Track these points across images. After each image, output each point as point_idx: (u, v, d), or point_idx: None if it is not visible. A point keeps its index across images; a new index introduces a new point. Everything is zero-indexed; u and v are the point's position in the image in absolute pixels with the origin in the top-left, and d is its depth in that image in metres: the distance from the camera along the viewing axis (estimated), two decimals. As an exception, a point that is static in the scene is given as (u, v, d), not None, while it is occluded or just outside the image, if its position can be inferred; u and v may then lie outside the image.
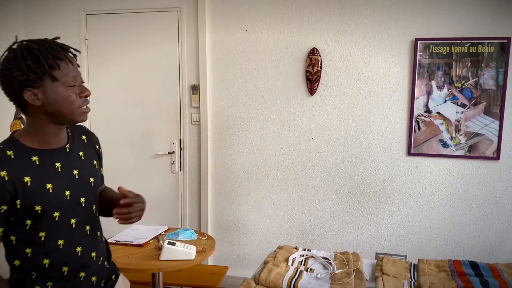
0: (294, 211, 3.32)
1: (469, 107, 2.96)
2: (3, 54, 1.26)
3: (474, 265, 2.08)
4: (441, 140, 3.02)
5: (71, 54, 1.31)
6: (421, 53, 2.98)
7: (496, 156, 2.94)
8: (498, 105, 2.91)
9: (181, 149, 3.49)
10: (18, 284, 1.32)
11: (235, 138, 3.37)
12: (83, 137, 1.48)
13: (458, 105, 2.97)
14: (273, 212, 3.35)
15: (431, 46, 2.97)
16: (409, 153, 3.08)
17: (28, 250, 1.29)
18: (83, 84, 1.34)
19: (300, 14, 3.15)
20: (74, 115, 1.31)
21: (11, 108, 2.19)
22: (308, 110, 3.22)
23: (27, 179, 1.24)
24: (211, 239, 2.58)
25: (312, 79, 3.16)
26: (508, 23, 2.84)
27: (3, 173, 1.21)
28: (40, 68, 1.22)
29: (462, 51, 2.92)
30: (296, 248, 2.33)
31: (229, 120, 3.37)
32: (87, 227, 1.41)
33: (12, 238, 1.29)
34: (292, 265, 2.11)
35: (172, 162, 3.51)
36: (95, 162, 1.48)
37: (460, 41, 2.92)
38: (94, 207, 1.44)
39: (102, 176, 1.57)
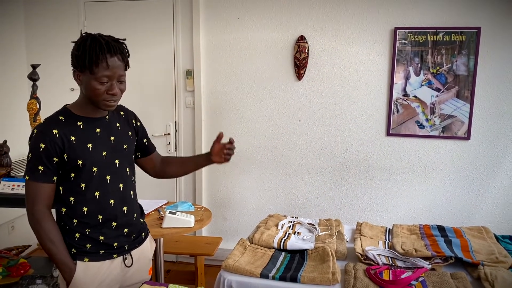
0: (282, 188, 3.57)
1: (443, 91, 3.22)
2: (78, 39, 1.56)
3: (440, 228, 2.36)
4: (417, 122, 3.29)
5: (114, 58, 1.53)
6: (400, 41, 3.23)
7: (467, 136, 3.22)
8: (469, 89, 3.17)
9: (176, 130, 3.71)
10: (63, 231, 1.60)
11: (227, 121, 3.60)
12: (121, 112, 1.76)
13: (433, 89, 3.23)
14: (263, 189, 3.60)
15: (409, 34, 3.21)
16: (388, 133, 3.34)
17: (71, 198, 1.59)
18: (118, 83, 1.55)
19: (289, 3, 3.37)
20: (99, 104, 1.57)
21: (26, 90, 2.38)
22: (296, 94, 3.46)
23: (72, 137, 1.55)
24: (208, 210, 2.82)
25: (299, 65, 3.39)
26: (478, 14, 3.09)
27: (55, 131, 1.52)
28: (84, 61, 1.50)
29: (437, 39, 3.18)
30: (284, 216, 2.59)
31: (222, 104, 3.59)
32: (120, 184, 1.66)
33: (60, 188, 1.59)
34: (281, 229, 2.37)
35: (168, 143, 3.72)
36: (129, 133, 1.74)
37: (435, 30, 3.17)
38: (127, 169, 1.70)
39: (151, 145, 1.89)
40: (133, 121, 1.79)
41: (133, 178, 1.75)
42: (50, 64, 3.74)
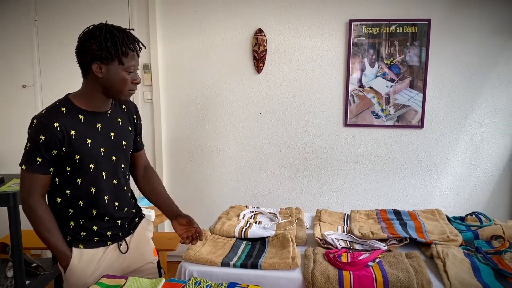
0: (244, 181, 3.58)
1: (397, 82, 3.32)
2: (87, 28, 1.52)
3: (396, 212, 2.44)
4: (373, 112, 3.38)
5: (138, 47, 1.58)
6: (355, 34, 3.31)
7: (421, 124, 3.34)
8: (422, 79, 3.29)
9: (135, 126, 3.64)
10: (58, 219, 1.61)
11: (187, 115, 3.57)
12: (124, 106, 1.74)
13: (387, 80, 3.33)
14: (225, 182, 3.60)
15: (363, 27, 3.29)
16: (345, 124, 3.42)
17: (67, 191, 1.61)
18: (137, 72, 1.61)
19: (246, -3, 3.38)
20: (122, 94, 1.58)
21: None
22: (256, 87, 3.48)
23: (72, 132, 1.54)
24: (168, 204, 2.79)
25: (258, 58, 3.41)
26: (429, 6, 3.21)
27: (56, 124, 1.51)
28: (115, 51, 1.48)
29: (390, 31, 3.27)
30: (246, 206, 2.61)
31: (181, 98, 3.56)
32: (115, 181, 1.68)
33: (56, 179, 1.60)
34: (243, 219, 2.38)
35: (127, 139, 3.65)
36: (130, 128, 1.74)
37: (388, 22, 3.27)
38: (123, 165, 1.71)
39: (141, 143, 1.89)
40: (134, 117, 1.79)
41: (127, 173, 1.76)
42: (-1, 59, 3.60)
